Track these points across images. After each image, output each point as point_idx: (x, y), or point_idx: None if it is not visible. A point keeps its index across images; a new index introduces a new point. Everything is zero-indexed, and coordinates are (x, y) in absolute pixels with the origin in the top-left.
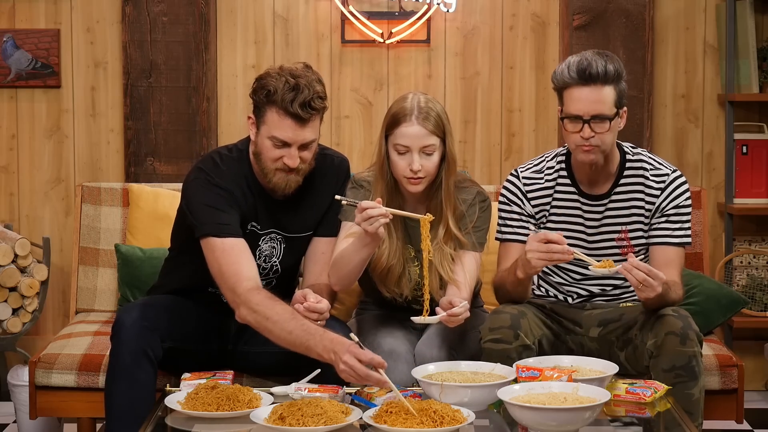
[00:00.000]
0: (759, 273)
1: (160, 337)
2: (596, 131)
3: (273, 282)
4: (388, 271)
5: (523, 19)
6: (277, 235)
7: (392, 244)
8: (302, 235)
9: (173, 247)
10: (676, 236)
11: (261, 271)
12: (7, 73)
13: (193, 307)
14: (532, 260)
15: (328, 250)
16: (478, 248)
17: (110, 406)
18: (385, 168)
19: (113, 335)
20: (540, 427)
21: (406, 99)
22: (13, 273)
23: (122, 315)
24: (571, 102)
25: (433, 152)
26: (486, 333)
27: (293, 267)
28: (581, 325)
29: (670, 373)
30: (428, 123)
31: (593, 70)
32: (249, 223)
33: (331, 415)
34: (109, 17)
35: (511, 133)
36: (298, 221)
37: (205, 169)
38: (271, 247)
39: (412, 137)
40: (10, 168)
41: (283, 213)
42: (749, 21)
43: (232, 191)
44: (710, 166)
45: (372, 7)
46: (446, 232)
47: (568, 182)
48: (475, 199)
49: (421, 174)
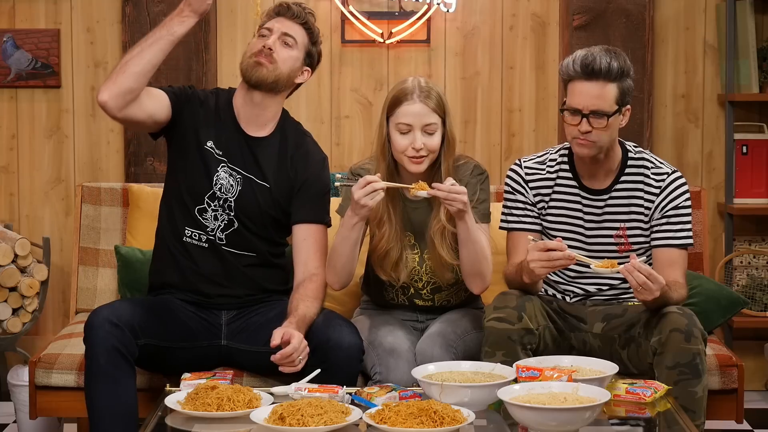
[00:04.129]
0: (759, 273)
1: (133, 334)
2: (594, 126)
3: (234, 224)
4: (386, 254)
5: (523, 19)
6: (234, 172)
7: (391, 228)
8: (257, 180)
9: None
10: (679, 237)
11: (216, 200)
12: (7, 73)
13: (176, 305)
14: (536, 269)
15: (310, 236)
16: (485, 219)
17: (91, 407)
18: (386, 150)
19: (85, 338)
20: (540, 427)
21: (406, 81)
22: (13, 273)
23: (91, 316)
24: (573, 95)
25: (434, 131)
26: (490, 312)
27: (251, 215)
28: (585, 321)
29: (673, 371)
30: (430, 101)
31: (597, 65)
32: (207, 141)
33: (331, 415)
34: (109, 17)
35: (511, 133)
36: (257, 166)
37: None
38: (228, 183)
39: (414, 115)
40: (10, 168)
41: (247, 150)
42: (749, 21)
43: (198, 93)
44: (710, 166)
45: (372, 7)
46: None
47: (569, 175)
48: (472, 173)
49: (423, 152)
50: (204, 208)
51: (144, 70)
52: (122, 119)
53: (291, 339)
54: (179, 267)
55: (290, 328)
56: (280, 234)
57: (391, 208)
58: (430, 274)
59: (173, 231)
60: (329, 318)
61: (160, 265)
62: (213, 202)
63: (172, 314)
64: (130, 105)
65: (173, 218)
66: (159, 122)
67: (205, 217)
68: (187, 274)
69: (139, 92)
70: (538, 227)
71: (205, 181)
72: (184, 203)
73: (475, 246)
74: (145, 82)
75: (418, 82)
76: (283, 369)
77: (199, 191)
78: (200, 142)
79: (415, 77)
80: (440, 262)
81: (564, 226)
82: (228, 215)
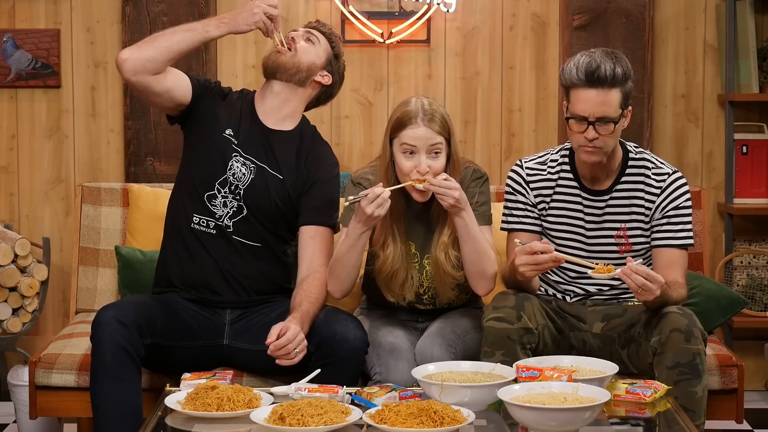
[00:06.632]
0: (759, 273)
1: (139, 333)
2: (600, 133)
3: (243, 211)
4: (392, 276)
5: (523, 19)
6: (248, 161)
7: (396, 248)
8: (271, 171)
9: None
10: (679, 238)
11: (227, 186)
12: (7, 73)
13: (180, 304)
14: (524, 272)
15: (318, 235)
16: (486, 222)
17: (96, 406)
18: (390, 173)
19: (92, 335)
20: (540, 427)
21: (409, 103)
22: (13, 273)
23: (98, 314)
24: (577, 102)
25: (440, 151)
26: (489, 311)
27: (261, 205)
28: (585, 321)
29: (673, 371)
30: (434, 124)
31: (602, 73)
32: (226, 129)
33: (331, 415)
34: (109, 17)
35: (511, 133)
36: (273, 157)
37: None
38: (241, 171)
39: (418, 138)
40: (10, 168)
41: (264, 141)
42: (749, 21)
43: (222, 89)
44: (710, 166)
45: (372, 7)
46: (450, 233)
47: (570, 176)
48: (471, 177)
49: (428, 176)
50: (214, 194)
51: (171, 47)
52: (136, 83)
53: (287, 331)
54: (185, 259)
55: (288, 323)
56: (287, 231)
57: (395, 228)
58: (430, 279)
59: (182, 218)
60: (333, 313)
61: (165, 258)
62: (224, 188)
63: (176, 313)
64: (148, 74)
65: (182, 206)
66: (176, 101)
67: (214, 204)
68: (192, 265)
69: (160, 67)
70: (538, 228)
71: (219, 167)
72: (195, 189)
73: (475, 244)
74: (169, 58)
75: (421, 104)
76: (280, 362)
77: (211, 177)
78: (219, 129)
79: (418, 98)
80: (444, 281)
81: (564, 227)
82: (237, 202)
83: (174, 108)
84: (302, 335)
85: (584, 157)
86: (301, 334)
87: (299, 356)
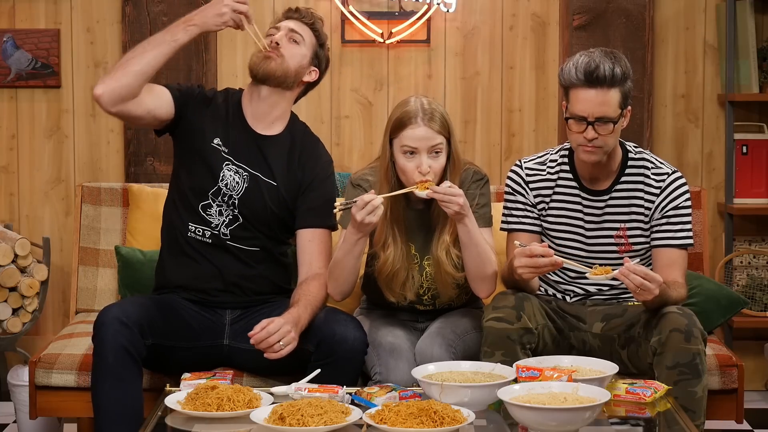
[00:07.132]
0: (759, 273)
1: (141, 334)
2: (600, 133)
3: (239, 219)
4: (393, 276)
5: (523, 19)
6: (240, 169)
7: (397, 248)
8: (264, 178)
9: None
10: (678, 238)
11: (221, 196)
12: (7, 73)
13: (181, 304)
14: (523, 274)
15: (316, 238)
16: (487, 224)
17: (98, 406)
18: (390, 173)
19: (94, 335)
20: (540, 427)
21: (408, 103)
22: (13, 273)
23: (101, 315)
24: (576, 102)
25: (440, 151)
26: (489, 312)
27: (256, 213)
28: (585, 321)
29: (673, 371)
30: (434, 124)
31: (600, 73)
32: (214, 139)
33: (331, 415)
34: (109, 17)
35: (511, 133)
36: (265, 164)
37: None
38: (234, 180)
39: (419, 139)
40: (10, 168)
41: (255, 148)
42: (749, 21)
43: (206, 94)
44: (710, 166)
45: (372, 7)
46: (451, 233)
47: (569, 176)
48: (472, 179)
49: (430, 176)
50: (208, 203)
51: (143, 70)
52: (117, 114)
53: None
54: (183, 264)
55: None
56: (284, 233)
57: (396, 229)
58: (430, 280)
59: (177, 228)
60: (333, 313)
61: (164, 263)
62: (217, 198)
63: (177, 314)
64: (126, 102)
65: (178, 215)
66: (160, 119)
67: (210, 213)
68: (191, 270)
69: (136, 91)
70: (538, 228)
71: (209, 179)
72: (188, 200)
73: (477, 249)
74: (143, 81)
75: (420, 104)
76: (267, 355)
77: (202, 188)
78: (207, 139)
79: (417, 97)
80: (445, 281)
81: (564, 227)
82: (232, 211)
83: (159, 124)
84: (288, 328)
85: (584, 157)
86: (286, 326)
87: (285, 349)
